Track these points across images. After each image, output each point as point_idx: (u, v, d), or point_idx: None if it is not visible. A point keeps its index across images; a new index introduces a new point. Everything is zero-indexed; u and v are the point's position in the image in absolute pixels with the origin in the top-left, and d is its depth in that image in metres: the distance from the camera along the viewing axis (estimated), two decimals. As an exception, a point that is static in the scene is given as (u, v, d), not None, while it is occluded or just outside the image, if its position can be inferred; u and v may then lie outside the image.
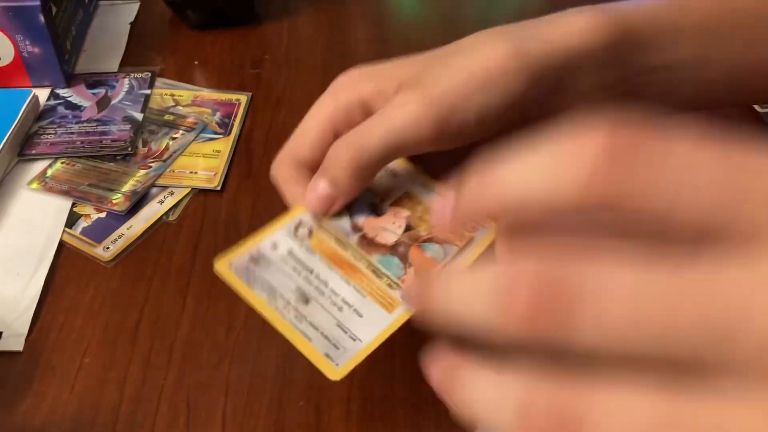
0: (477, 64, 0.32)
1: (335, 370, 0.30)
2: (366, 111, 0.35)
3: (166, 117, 0.55)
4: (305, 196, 0.33)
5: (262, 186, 0.49)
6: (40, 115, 0.54)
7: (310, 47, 0.62)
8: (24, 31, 0.53)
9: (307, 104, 0.56)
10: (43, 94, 0.56)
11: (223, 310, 0.42)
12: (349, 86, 0.36)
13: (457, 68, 0.33)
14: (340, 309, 0.31)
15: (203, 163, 0.51)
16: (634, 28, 0.34)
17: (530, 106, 0.33)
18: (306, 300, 0.31)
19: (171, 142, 0.52)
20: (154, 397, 0.38)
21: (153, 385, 0.38)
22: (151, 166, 0.50)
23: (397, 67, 0.36)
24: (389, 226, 0.34)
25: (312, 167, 0.35)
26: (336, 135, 0.34)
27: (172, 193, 0.49)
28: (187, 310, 0.42)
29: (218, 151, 0.52)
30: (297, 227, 0.33)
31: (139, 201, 0.48)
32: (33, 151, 0.51)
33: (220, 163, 0.51)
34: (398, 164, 0.36)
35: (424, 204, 0.35)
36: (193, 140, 0.53)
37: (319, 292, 0.31)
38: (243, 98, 0.57)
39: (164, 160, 0.51)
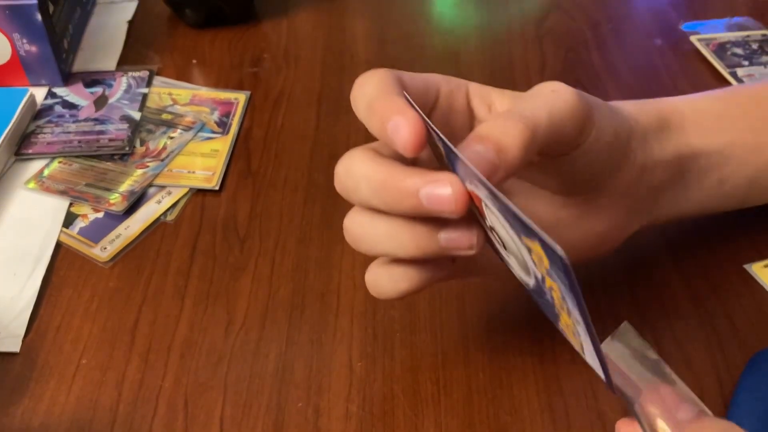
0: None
1: None
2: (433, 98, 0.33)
3: (164, 116, 0.54)
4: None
5: (261, 185, 0.49)
6: (37, 114, 0.54)
7: (309, 46, 0.62)
8: (21, 29, 0.53)
9: (307, 103, 0.56)
10: (40, 93, 0.55)
11: (222, 310, 0.41)
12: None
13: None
14: None
15: (201, 163, 0.51)
16: (678, 113, 0.39)
17: (610, 162, 0.35)
18: None
19: (169, 142, 0.52)
20: (152, 398, 0.37)
21: (151, 386, 0.38)
22: (148, 166, 0.50)
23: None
24: None
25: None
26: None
27: (170, 193, 0.49)
28: (185, 311, 0.41)
29: (216, 151, 0.52)
30: None
31: (136, 201, 0.48)
32: (30, 151, 0.51)
33: (219, 163, 0.51)
34: None
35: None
36: (191, 139, 0.52)
37: None
38: (241, 97, 0.56)
39: (162, 160, 0.51)
